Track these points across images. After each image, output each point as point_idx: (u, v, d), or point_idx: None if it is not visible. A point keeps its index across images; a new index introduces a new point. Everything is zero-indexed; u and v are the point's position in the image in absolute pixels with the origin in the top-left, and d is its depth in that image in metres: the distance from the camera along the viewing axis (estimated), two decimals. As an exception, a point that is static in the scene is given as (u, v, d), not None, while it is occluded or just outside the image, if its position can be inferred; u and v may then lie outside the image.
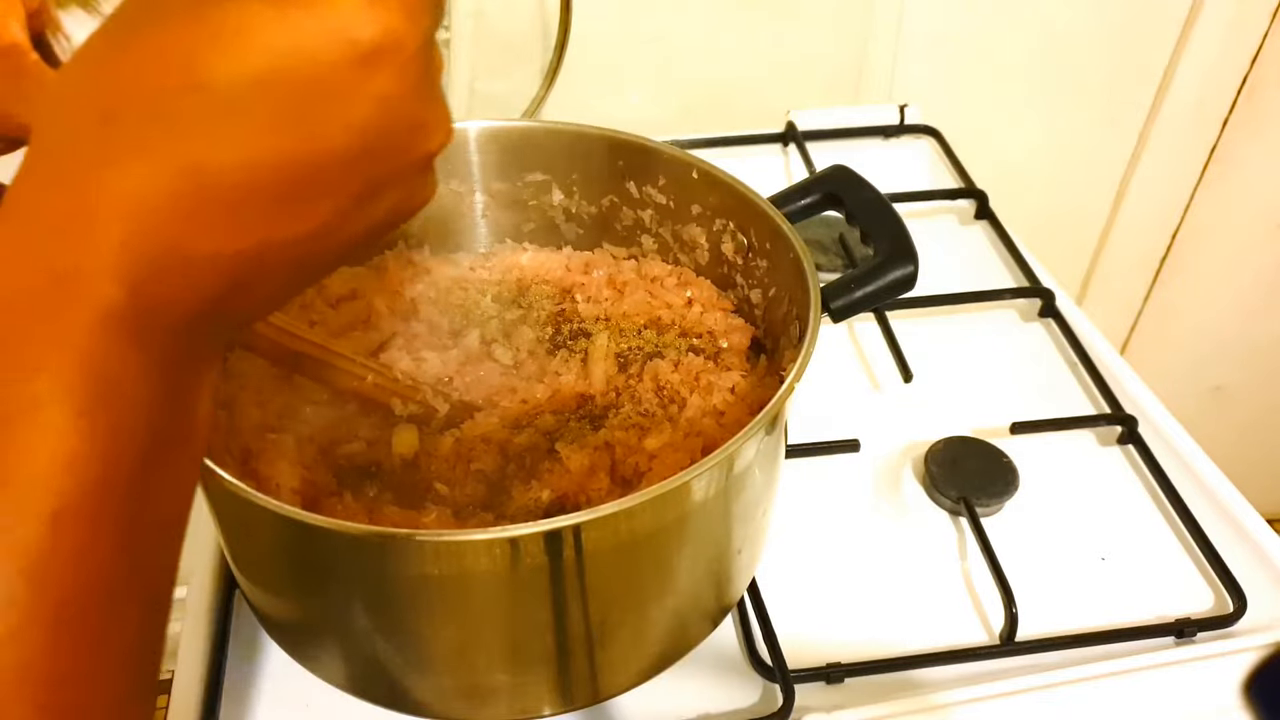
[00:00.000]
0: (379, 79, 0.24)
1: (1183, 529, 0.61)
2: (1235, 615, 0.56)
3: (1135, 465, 0.66)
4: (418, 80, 0.25)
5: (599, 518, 0.38)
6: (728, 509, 0.46)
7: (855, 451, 0.65)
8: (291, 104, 0.23)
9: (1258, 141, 1.10)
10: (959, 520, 0.62)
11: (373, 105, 0.24)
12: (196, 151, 0.22)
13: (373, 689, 0.48)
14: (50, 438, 0.22)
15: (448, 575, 0.40)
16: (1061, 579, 0.59)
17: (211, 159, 0.22)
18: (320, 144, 0.23)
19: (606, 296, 0.59)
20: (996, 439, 0.65)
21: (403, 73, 0.24)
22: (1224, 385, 1.32)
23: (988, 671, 0.54)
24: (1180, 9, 1.00)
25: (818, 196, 0.54)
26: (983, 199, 0.85)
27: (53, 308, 0.22)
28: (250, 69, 0.22)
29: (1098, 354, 0.73)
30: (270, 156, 0.23)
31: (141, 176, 0.22)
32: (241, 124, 0.22)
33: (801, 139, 0.89)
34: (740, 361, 0.55)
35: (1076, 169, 1.10)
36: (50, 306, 0.22)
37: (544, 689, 0.47)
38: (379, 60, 0.23)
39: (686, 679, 0.52)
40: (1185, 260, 1.19)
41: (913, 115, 0.93)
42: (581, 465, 0.49)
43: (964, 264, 0.81)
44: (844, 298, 0.49)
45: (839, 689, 0.53)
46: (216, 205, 0.23)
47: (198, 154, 0.22)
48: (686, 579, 0.46)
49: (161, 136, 0.22)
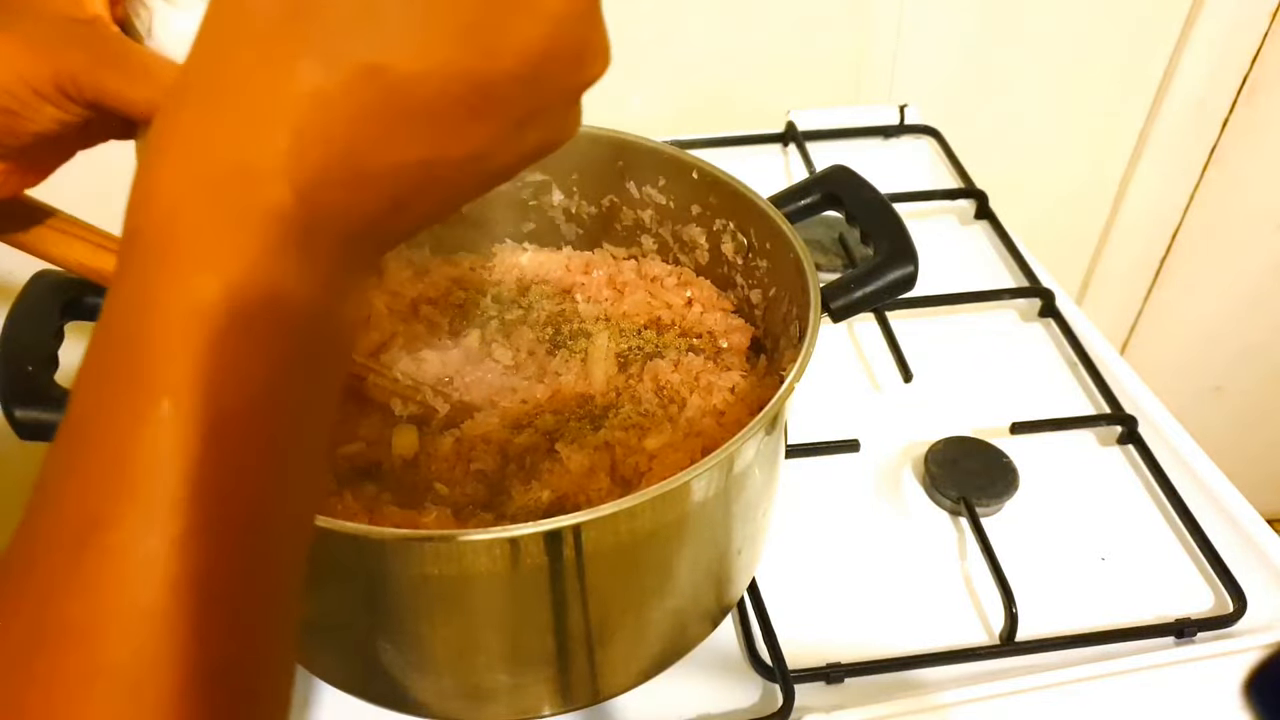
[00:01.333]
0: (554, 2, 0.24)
1: (1183, 529, 0.61)
2: (1235, 615, 0.56)
3: (1135, 465, 0.66)
4: (589, 8, 0.25)
5: (599, 518, 0.38)
6: (728, 509, 0.46)
7: (855, 451, 0.65)
8: (474, 16, 0.23)
9: (1258, 142, 1.10)
10: (959, 520, 0.62)
11: (548, 24, 0.24)
12: (381, 55, 0.22)
13: (372, 689, 0.48)
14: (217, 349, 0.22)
15: (448, 575, 0.40)
16: (1061, 579, 0.59)
17: (394, 64, 0.22)
18: (495, 61, 0.23)
19: (606, 296, 0.59)
20: (996, 439, 0.65)
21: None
22: (1224, 385, 1.32)
23: (988, 672, 0.54)
24: (1180, 9, 1.00)
25: (818, 196, 0.54)
26: (983, 199, 0.85)
27: (224, 203, 0.22)
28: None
29: (1098, 354, 0.73)
30: (449, 68, 0.23)
31: (324, 75, 0.22)
32: (427, 33, 0.22)
33: (801, 139, 0.89)
34: (740, 361, 0.55)
35: (1076, 169, 1.10)
36: (222, 201, 0.22)
37: (544, 689, 0.47)
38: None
39: (686, 679, 0.52)
40: (1185, 260, 1.19)
41: (913, 115, 0.93)
42: (581, 465, 0.49)
43: (964, 264, 0.81)
44: (844, 298, 0.49)
45: (839, 689, 0.53)
46: (391, 113, 0.23)
47: (381, 58, 0.22)
48: (686, 579, 0.46)
49: (347, 37, 0.22)
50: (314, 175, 0.22)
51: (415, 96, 0.23)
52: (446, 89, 0.23)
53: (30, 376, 0.42)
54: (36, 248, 0.40)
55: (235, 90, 0.22)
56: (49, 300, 0.45)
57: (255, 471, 0.23)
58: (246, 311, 0.22)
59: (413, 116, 0.23)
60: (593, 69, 0.26)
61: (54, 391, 0.42)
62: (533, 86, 0.24)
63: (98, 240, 0.41)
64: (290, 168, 0.22)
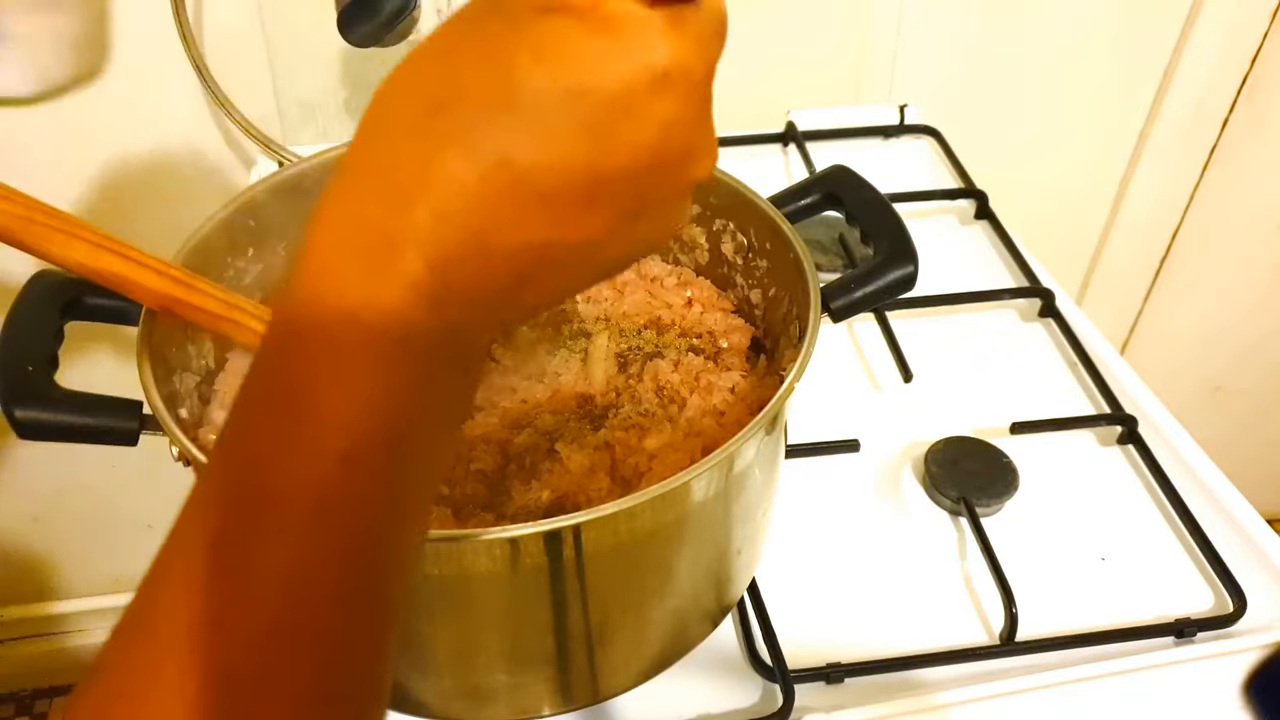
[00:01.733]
0: (666, 103, 0.26)
1: (1182, 529, 0.61)
2: (1235, 615, 0.56)
3: (1135, 465, 0.66)
4: (698, 107, 0.27)
5: (599, 518, 0.38)
6: (727, 509, 0.46)
7: (855, 451, 0.65)
8: (592, 117, 0.25)
9: (1258, 142, 1.10)
10: (959, 520, 0.62)
11: (658, 127, 0.26)
12: (510, 148, 0.25)
13: (372, 689, 0.47)
14: (353, 383, 0.25)
15: (448, 575, 0.40)
16: (1061, 579, 0.59)
17: (522, 156, 0.25)
18: (610, 158, 0.26)
19: (606, 296, 0.59)
20: (996, 439, 0.65)
21: (687, 99, 0.26)
22: (1224, 385, 1.32)
23: (988, 672, 0.54)
24: (1181, 8, 1.00)
25: (818, 196, 0.54)
26: (983, 199, 0.85)
27: (368, 267, 0.25)
28: (563, 83, 0.25)
29: (1098, 354, 0.73)
30: (568, 161, 0.25)
31: (461, 163, 0.25)
32: (549, 129, 0.25)
33: (801, 139, 0.89)
34: (740, 361, 0.55)
35: (1076, 169, 1.10)
36: (366, 265, 0.25)
37: (544, 689, 0.47)
38: (668, 85, 0.26)
39: (686, 679, 0.52)
40: (1185, 260, 1.19)
41: (913, 115, 0.93)
42: (581, 465, 0.49)
43: (964, 264, 0.81)
44: (844, 298, 0.49)
45: (839, 689, 0.53)
46: (518, 199, 0.25)
47: (511, 150, 0.25)
48: (686, 579, 0.46)
49: (483, 132, 0.25)
50: (448, 250, 0.25)
51: (539, 185, 0.25)
52: (567, 180, 0.26)
53: (30, 376, 0.42)
54: (36, 248, 0.40)
55: (388, 171, 0.26)
56: (49, 300, 0.45)
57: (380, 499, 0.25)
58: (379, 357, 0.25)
59: (536, 203, 0.26)
60: (699, 168, 0.28)
61: (53, 391, 0.42)
62: (644, 182, 0.27)
63: (98, 240, 0.41)
64: (426, 241, 0.25)
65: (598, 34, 0.25)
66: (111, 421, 0.42)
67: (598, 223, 0.27)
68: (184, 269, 0.45)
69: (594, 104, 0.25)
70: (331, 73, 0.85)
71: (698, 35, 0.26)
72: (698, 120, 0.27)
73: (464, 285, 0.26)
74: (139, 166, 0.87)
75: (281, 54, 0.83)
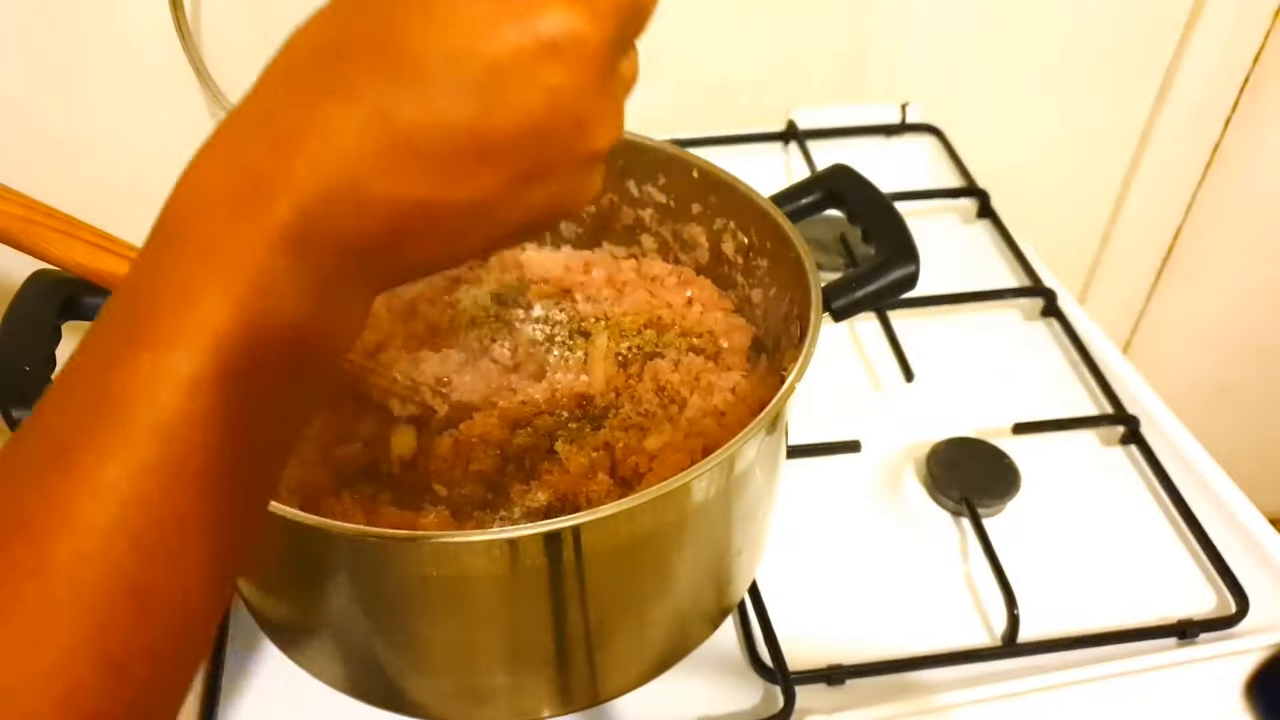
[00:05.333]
0: (554, 71, 0.26)
1: (1185, 530, 0.61)
2: (1237, 616, 0.56)
3: (1138, 466, 0.66)
4: (591, 77, 0.27)
5: (599, 519, 0.38)
6: (728, 510, 0.46)
7: (856, 452, 0.65)
8: (476, 80, 0.26)
9: (1260, 141, 1.10)
10: (961, 521, 0.61)
11: (543, 93, 0.26)
12: (391, 103, 0.26)
13: (371, 690, 0.47)
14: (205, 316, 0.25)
15: (447, 576, 0.40)
16: (1063, 580, 0.59)
17: (402, 111, 0.26)
18: (491, 121, 0.26)
19: (606, 296, 0.58)
20: (998, 439, 0.65)
21: (577, 68, 0.26)
22: (1227, 385, 1.32)
23: (989, 673, 0.54)
24: (1183, 8, 0.99)
25: (819, 195, 0.53)
26: (985, 198, 0.85)
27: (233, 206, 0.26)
28: (449, 44, 0.25)
29: (1100, 354, 0.72)
30: (449, 119, 0.26)
31: (340, 113, 0.26)
32: (432, 88, 0.26)
33: (802, 138, 0.89)
34: (741, 361, 0.55)
35: (1078, 168, 1.10)
36: (231, 205, 0.26)
37: (543, 690, 0.47)
38: (557, 54, 0.26)
39: (687, 681, 0.52)
40: (1188, 260, 1.19)
41: (914, 114, 0.93)
42: (581, 465, 0.49)
43: (966, 263, 0.81)
44: (845, 297, 0.49)
45: (840, 691, 0.53)
46: (395, 151, 0.26)
47: (391, 104, 0.26)
48: (686, 580, 0.46)
49: (366, 84, 0.26)
50: (318, 197, 0.26)
51: (418, 141, 0.26)
52: (446, 139, 0.26)
53: (26, 376, 0.42)
54: (35, 248, 0.40)
55: (269, 117, 0.27)
56: (46, 300, 0.45)
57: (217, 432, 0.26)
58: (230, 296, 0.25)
59: (413, 158, 0.26)
60: (597, 138, 0.28)
61: (51, 392, 0.42)
62: (532, 146, 0.27)
63: (96, 240, 0.41)
64: (296, 188, 0.26)
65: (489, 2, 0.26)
66: (109, 422, 0.42)
67: (483, 183, 0.27)
68: None
69: (478, 67, 0.25)
70: (331, 72, 0.85)
71: (596, 11, 0.26)
72: (592, 90, 0.27)
73: (334, 233, 0.26)
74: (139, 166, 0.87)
75: (281, 53, 0.83)
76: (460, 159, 0.26)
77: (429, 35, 0.25)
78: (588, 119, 0.28)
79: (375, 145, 0.26)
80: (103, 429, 0.25)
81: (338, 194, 0.26)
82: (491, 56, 0.26)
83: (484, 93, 0.26)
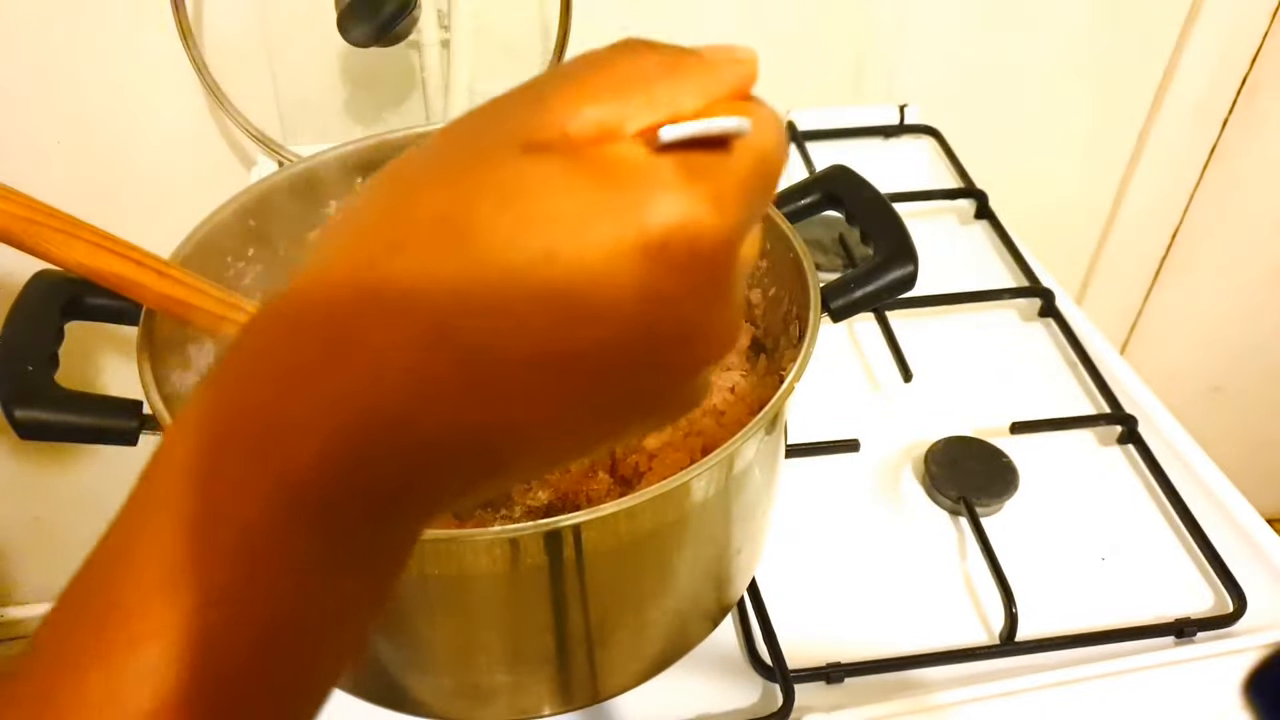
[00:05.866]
0: (658, 276, 0.20)
1: (1182, 529, 0.61)
2: (1235, 615, 0.56)
3: (1135, 465, 0.66)
4: (709, 283, 0.21)
5: (599, 518, 0.38)
6: (727, 509, 0.46)
7: (855, 451, 0.65)
8: (558, 289, 0.20)
9: (1258, 141, 1.10)
10: (959, 520, 0.62)
11: (643, 305, 0.20)
12: (449, 316, 0.20)
13: (372, 688, 0.48)
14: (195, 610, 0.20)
15: (448, 575, 0.40)
16: (1061, 579, 0.59)
17: (462, 327, 0.20)
18: (572, 341, 0.20)
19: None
20: (996, 439, 0.65)
21: (690, 271, 0.20)
22: (1224, 385, 1.32)
23: (988, 671, 0.54)
24: (1181, 8, 1.00)
25: (817, 196, 0.54)
26: (983, 199, 0.85)
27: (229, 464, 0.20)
28: (528, 242, 0.19)
29: (1097, 354, 0.73)
30: (519, 340, 0.20)
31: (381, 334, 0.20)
32: (501, 298, 0.20)
33: (801, 139, 0.89)
34: (740, 361, 0.55)
35: (1076, 168, 1.10)
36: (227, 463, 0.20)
37: (543, 689, 0.47)
38: (665, 258, 0.20)
39: (686, 679, 0.52)
40: (1185, 260, 1.19)
41: (913, 115, 0.93)
42: (581, 465, 0.49)
43: (964, 264, 0.81)
44: (844, 297, 0.49)
45: (839, 689, 0.53)
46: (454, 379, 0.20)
47: (449, 318, 0.20)
48: (686, 579, 0.46)
49: (420, 299, 0.20)
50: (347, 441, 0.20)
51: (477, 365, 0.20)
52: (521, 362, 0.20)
53: (30, 376, 0.42)
54: (36, 248, 0.40)
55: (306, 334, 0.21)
56: (49, 300, 0.45)
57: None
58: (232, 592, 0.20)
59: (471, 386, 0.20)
60: (709, 353, 0.22)
61: (53, 391, 0.42)
62: (620, 372, 0.21)
63: (97, 240, 0.41)
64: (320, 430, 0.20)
65: (586, 183, 0.20)
66: (111, 421, 0.42)
67: (557, 409, 0.21)
68: (184, 269, 0.45)
69: (562, 273, 0.19)
70: (331, 73, 0.85)
71: (720, 193, 0.20)
72: (705, 296, 0.21)
73: (366, 480, 0.20)
74: (139, 166, 0.87)
75: (281, 54, 0.83)
76: (531, 384, 0.20)
77: (504, 229, 0.20)
78: (699, 332, 0.22)
79: (427, 372, 0.20)
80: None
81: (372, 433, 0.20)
82: (580, 261, 0.19)
83: (567, 306, 0.20)
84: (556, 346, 0.20)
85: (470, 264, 0.20)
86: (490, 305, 0.20)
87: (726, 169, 0.21)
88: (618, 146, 0.20)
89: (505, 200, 0.20)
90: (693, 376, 0.23)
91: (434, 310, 0.20)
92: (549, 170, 0.20)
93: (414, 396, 0.20)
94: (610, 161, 0.20)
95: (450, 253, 0.20)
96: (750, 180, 0.21)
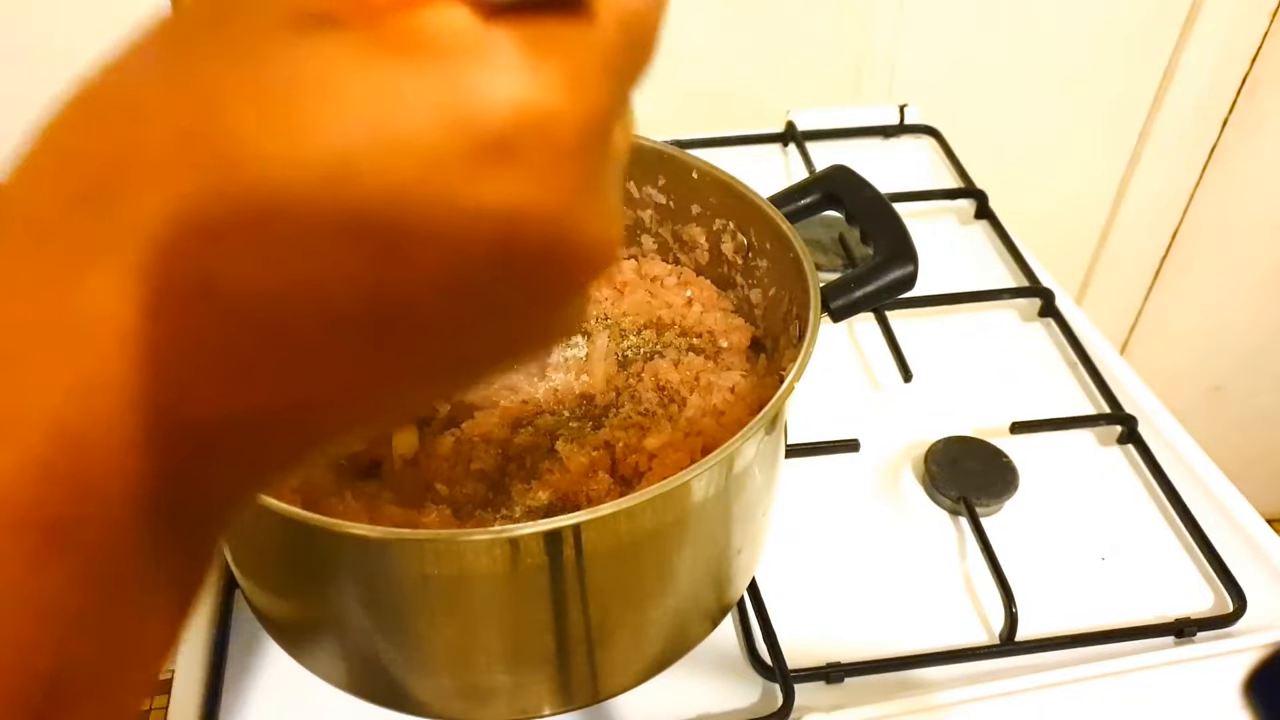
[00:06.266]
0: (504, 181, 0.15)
1: (1182, 529, 0.61)
2: (1235, 615, 0.56)
3: (1135, 465, 0.66)
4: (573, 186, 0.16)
5: (599, 518, 0.38)
6: (727, 509, 0.46)
7: (855, 451, 0.65)
8: (355, 216, 0.15)
9: (1258, 141, 1.10)
10: (959, 520, 0.62)
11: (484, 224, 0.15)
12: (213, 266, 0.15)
13: (372, 688, 0.48)
14: None
15: (448, 575, 0.40)
16: (1061, 579, 0.59)
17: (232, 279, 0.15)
18: (385, 285, 0.15)
19: (606, 296, 0.59)
20: (996, 439, 0.65)
21: (546, 174, 0.16)
22: (1224, 385, 1.32)
23: (987, 671, 0.54)
24: (1181, 8, 1.00)
25: (817, 196, 0.54)
26: (982, 199, 0.85)
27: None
28: (310, 163, 0.14)
29: (1097, 354, 0.73)
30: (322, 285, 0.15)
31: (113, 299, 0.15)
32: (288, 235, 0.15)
33: (801, 139, 0.89)
34: (740, 361, 0.55)
35: (1076, 168, 1.10)
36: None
37: (544, 689, 0.47)
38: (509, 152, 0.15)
39: (686, 679, 0.52)
40: (1185, 260, 1.19)
41: (912, 115, 0.93)
42: (581, 465, 0.49)
43: (964, 264, 0.81)
44: (844, 297, 0.49)
45: (839, 689, 0.53)
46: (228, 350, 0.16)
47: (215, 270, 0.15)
48: (686, 579, 0.46)
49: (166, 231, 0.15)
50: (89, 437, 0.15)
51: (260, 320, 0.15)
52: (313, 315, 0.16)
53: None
54: None
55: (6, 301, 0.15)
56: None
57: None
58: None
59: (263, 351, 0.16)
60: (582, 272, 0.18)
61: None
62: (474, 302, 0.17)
63: None
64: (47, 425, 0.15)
65: (390, 67, 0.15)
66: None
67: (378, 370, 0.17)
68: None
69: (364, 191, 0.14)
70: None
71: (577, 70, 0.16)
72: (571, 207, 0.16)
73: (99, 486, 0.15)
74: (139, 166, 0.87)
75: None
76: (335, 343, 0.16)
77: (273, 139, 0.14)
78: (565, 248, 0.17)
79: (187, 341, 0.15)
80: None
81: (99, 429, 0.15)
82: (390, 171, 0.15)
83: (376, 234, 0.15)
84: (365, 291, 0.15)
85: (231, 188, 0.14)
86: (265, 244, 0.15)
87: (584, 40, 0.16)
88: (433, 14, 0.15)
89: (273, 98, 0.14)
90: (563, 303, 0.18)
91: (187, 259, 0.15)
92: (334, 52, 0.14)
93: (165, 375, 0.15)
94: (423, 35, 0.15)
95: (199, 177, 0.14)
96: (616, 52, 0.17)
